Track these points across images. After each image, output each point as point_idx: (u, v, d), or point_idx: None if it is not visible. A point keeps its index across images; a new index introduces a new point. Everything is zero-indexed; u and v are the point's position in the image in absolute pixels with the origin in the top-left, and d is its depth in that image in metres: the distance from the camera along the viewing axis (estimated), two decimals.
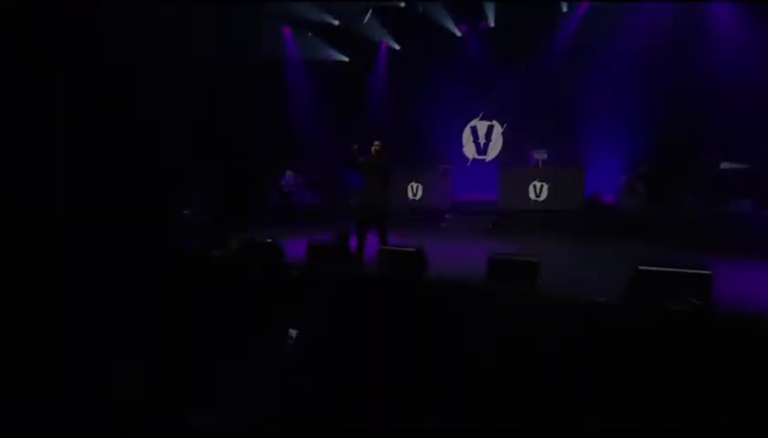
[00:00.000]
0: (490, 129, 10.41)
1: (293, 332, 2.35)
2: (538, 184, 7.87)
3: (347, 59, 11.39)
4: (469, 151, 10.66)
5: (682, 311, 2.71)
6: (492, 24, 9.86)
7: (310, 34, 10.18)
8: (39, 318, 2.39)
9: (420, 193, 9.24)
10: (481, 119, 10.47)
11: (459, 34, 10.22)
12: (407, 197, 9.28)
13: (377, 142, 5.19)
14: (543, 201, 7.86)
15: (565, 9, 9.13)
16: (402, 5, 9.59)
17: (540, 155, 8.25)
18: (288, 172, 10.45)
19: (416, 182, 9.25)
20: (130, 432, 1.77)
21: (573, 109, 8.80)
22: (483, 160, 10.48)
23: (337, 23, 9.89)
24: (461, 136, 10.70)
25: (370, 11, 9.54)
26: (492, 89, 10.03)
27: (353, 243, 4.84)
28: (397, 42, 10.86)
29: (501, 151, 10.26)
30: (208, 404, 1.95)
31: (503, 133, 10.24)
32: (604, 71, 8.44)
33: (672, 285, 2.90)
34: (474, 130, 10.60)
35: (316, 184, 10.76)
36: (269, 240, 5.17)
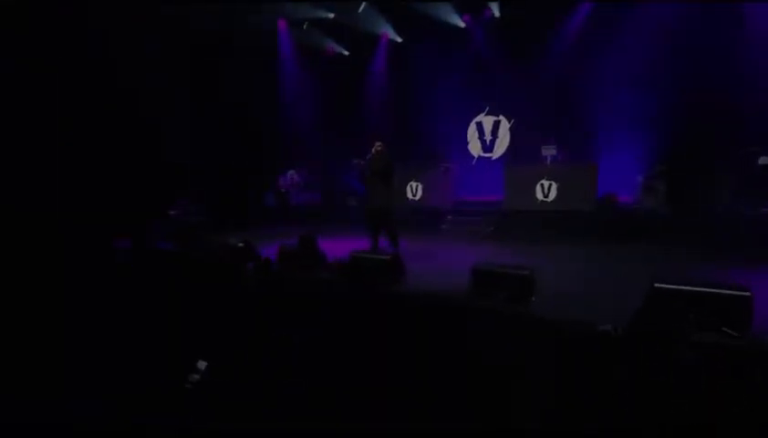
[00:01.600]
0: (496, 124, 9.77)
1: (201, 364, 2.00)
2: (546, 183, 7.22)
3: (346, 53, 10.94)
4: (474, 148, 10.05)
5: (712, 344, 2.11)
6: (497, 14, 9.24)
7: (306, 24, 9.76)
8: (30, 318, 2.50)
9: (419, 193, 8.71)
10: (487, 115, 9.85)
11: (462, 25, 9.62)
12: (406, 197, 8.76)
13: (378, 143, 5.18)
14: (551, 201, 7.20)
15: None
16: None
17: (548, 151, 7.59)
18: (291, 172, 10.11)
19: (415, 181, 8.72)
20: (130, 432, 1.76)
21: (586, 102, 8.11)
22: (490, 157, 9.85)
23: (332, 16, 9.45)
24: (465, 132, 10.09)
25: (364, 3, 9.05)
26: (499, 83, 9.40)
27: (323, 245, 4.41)
28: (398, 34, 10.34)
29: (508, 149, 9.61)
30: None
31: (510, 129, 9.59)
32: (619, 61, 7.71)
33: (699, 308, 2.31)
34: (480, 126, 9.98)
35: (315, 184, 10.38)
36: (241, 244, 4.82)
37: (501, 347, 2.23)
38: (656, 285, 2.38)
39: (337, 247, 5.55)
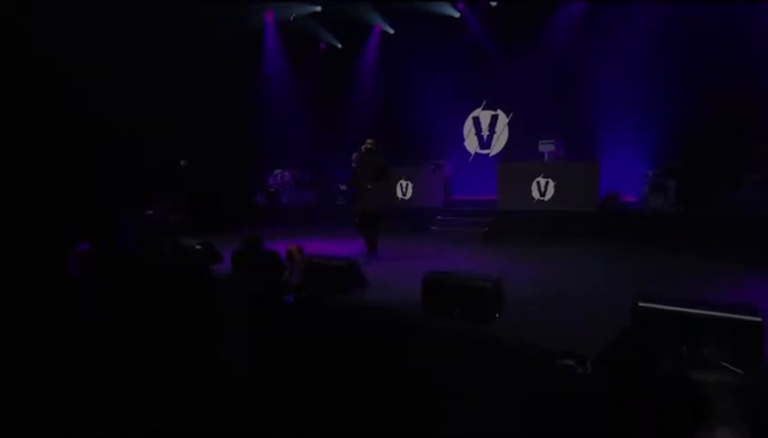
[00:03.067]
0: (494, 119, 9.24)
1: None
2: (543, 181, 6.68)
3: (339, 45, 10.55)
4: (471, 144, 9.53)
5: (710, 384, 1.62)
6: (493, 2, 8.71)
7: (292, 17, 9.40)
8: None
9: (409, 192, 8.24)
10: (484, 109, 9.32)
11: (457, 15, 9.12)
12: (396, 197, 8.30)
13: (369, 141, 5.09)
14: (548, 200, 6.66)
15: None
16: None
17: (546, 147, 7.05)
18: (278, 170, 9.80)
19: (406, 179, 8.26)
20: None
21: (588, 94, 7.54)
22: (487, 154, 9.32)
23: (319, 9, 9.08)
24: (461, 128, 9.58)
25: None
26: (497, 75, 8.89)
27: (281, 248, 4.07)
28: (390, 25, 9.89)
29: (507, 144, 9.07)
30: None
31: (508, 124, 9.05)
32: (623, 50, 7.12)
33: (695, 336, 1.82)
34: (477, 121, 9.45)
35: (307, 183, 10.03)
36: (198, 246, 4.53)
37: (444, 374, 1.83)
38: (640, 304, 1.89)
39: (323, 249, 5.25)
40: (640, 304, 1.88)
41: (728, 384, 1.63)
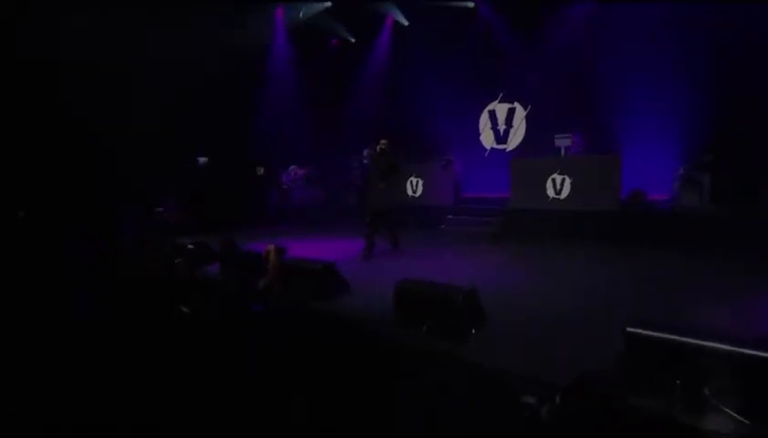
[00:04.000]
0: (511, 112, 8.77)
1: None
2: (558, 178, 6.22)
3: (353, 40, 10.36)
4: (486, 139, 9.11)
5: (707, 433, 1.31)
6: None
7: (302, 13, 9.28)
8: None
9: (419, 190, 7.97)
10: (500, 102, 8.87)
11: (471, 5, 8.70)
12: (406, 194, 8.06)
13: (383, 141, 5.17)
14: (564, 199, 6.20)
15: None
16: None
17: (562, 141, 6.57)
18: (292, 167, 9.79)
19: (416, 176, 7.99)
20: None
21: (612, 84, 6.94)
22: (504, 149, 8.87)
23: (329, 4, 8.92)
24: (476, 123, 9.17)
25: None
26: (514, 66, 8.41)
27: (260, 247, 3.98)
28: (404, 16, 9.57)
29: (524, 139, 8.59)
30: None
31: (526, 117, 8.56)
32: (649, 35, 6.51)
33: (694, 371, 1.50)
34: (493, 115, 9.01)
35: (317, 179, 9.96)
36: (191, 245, 4.50)
37: (400, 397, 1.65)
38: (628, 330, 1.59)
39: (320, 249, 5.14)
40: (629, 329, 1.59)
41: (729, 435, 1.32)
